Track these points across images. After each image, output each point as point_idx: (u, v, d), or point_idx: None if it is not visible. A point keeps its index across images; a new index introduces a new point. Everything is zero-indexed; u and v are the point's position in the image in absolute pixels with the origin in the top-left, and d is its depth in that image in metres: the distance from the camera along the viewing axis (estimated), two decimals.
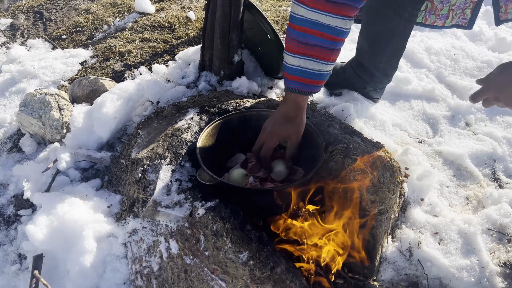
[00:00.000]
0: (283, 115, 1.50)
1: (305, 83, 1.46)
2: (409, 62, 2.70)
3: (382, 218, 1.63)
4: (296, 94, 1.48)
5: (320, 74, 1.45)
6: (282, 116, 1.50)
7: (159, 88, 1.96)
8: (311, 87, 1.48)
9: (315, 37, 1.40)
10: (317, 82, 1.47)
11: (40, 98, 1.85)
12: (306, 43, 1.41)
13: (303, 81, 1.46)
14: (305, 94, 1.49)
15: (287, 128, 1.49)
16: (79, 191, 1.66)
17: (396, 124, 2.22)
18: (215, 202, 1.43)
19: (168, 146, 1.63)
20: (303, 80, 1.45)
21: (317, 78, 1.46)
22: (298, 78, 1.45)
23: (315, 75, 1.44)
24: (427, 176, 1.91)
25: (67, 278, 1.45)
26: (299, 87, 1.47)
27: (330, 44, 1.42)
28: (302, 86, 1.47)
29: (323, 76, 1.46)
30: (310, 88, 1.48)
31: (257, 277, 1.31)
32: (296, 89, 1.47)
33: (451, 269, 1.62)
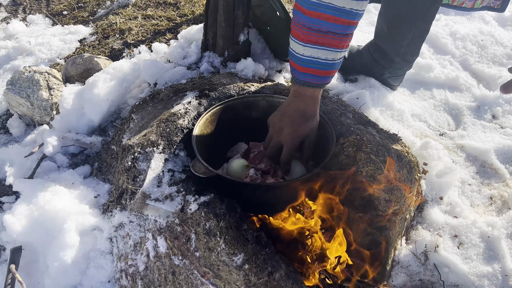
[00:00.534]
0: (301, 113, 1.35)
1: (319, 74, 1.31)
2: (431, 48, 2.54)
3: (396, 219, 1.49)
4: (310, 88, 1.33)
5: (333, 63, 1.30)
6: (300, 113, 1.35)
7: (157, 69, 1.81)
8: (324, 79, 1.33)
9: (328, 23, 1.23)
10: (330, 72, 1.33)
11: (29, 76, 1.72)
12: (318, 30, 1.25)
13: (316, 73, 1.31)
14: (320, 86, 1.34)
15: (307, 126, 1.35)
16: (65, 178, 1.53)
17: (415, 115, 2.09)
18: (209, 196, 1.29)
19: (162, 133, 1.48)
20: (316, 72, 1.30)
21: (330, 68, 1.31)
22: (311, 70, 1.30)
23: (328, 65, 1.30)
24: (447, 172, 1.78)
25: (47, 274, 1.33)
26: (312, 80, 1.32)
27: (344, 29, 1.26)
28: (315, 79, 1.32)
29: (336, 65, 1.32)
30: (324, 80, 1.34)
31: (253, 283, 1.18)
32: (309, 82, 1.32)
33: (470, 276, 1.52)
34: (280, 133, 1.35)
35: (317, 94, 1.36)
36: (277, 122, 1.37)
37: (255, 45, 2.00)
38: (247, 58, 1.86)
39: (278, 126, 1.36)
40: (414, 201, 1.65)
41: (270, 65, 1.98)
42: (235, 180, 1.32)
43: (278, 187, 1.33)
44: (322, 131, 1.45)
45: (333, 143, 1.36)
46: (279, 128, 1.36)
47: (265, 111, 1.55)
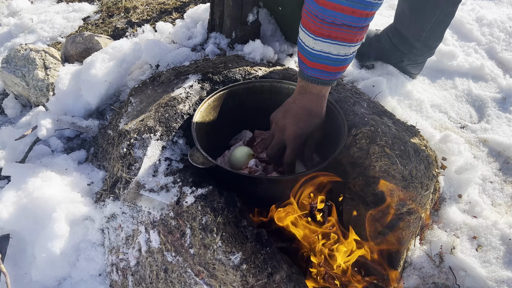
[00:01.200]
0: (307, 111, 1.24)
1: (328, 71, 1.19)
2: (455, 34, 2.43)
3: (410, 219, 1.38)
4: (317, 84, 1.22)
5: (345, 58, 1.18)
6: (306, 112, 1.24)
7: (159, 49, 1.71)
8: (334, 75, 1.21)
9: (344, 15, 1.09)
10: (341, 68, 1.21)
11: (24, 55, 1.63)
12: (332, 23, 1.11)
13: (327, 69, 1.19)
14: (328, 84, 1.23)
15: (311, 125, 1.25)
16: (58, 163, 1.45)
17: (435, 105, 2.00)
18: (207, 189, 1.20)
19: (160, 118, 1.39)
20: (327, 68, 1.18)
21: (341, 63, 1.19)
22: (321, 65, 1.18)
23: (340, 61, 1.17)
24: (468, 169, 1.70)
25: (34, 265, 1.26)
26: (321, 76, 1.20)
27: (361, 22, 1.12)
28: (325, 75, 1.20)
29: (348, 61, 1.20)
30: (333, 76, 1.22)
31: (250, 284, 1.09)
32: (318, 78, 1.21)
33: (488, 282, 1.44)
34: (283, 132, 1.25)
35: (325, 91, 1.25)
36: (280, 119, 1.26)
37: (265, 27, 1.88)
38: (256, 40, 1.75)
39: (281, 123, 1.25)
40: (431, 199, 1.54)
41: (280, 48, 1.86)
42: (236, 173, 1.22)
43: (281, 181, 1.22)
44: (332, 121, 1.34)
45: (345, 135, 1.26)
46: (282, 125, 1.25)
47: (272, 98, 1.44)
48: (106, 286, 1.29)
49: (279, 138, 1.26)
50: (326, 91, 1.25)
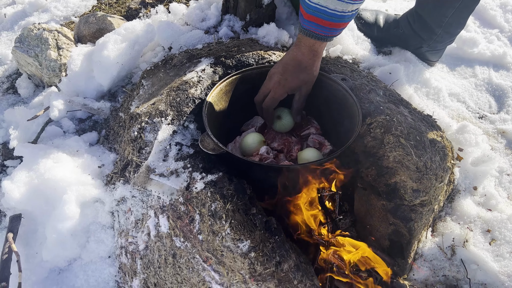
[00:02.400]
0: (296, 62, 1.26)
1: (324, 25, 1.19)
2: (477, 20, 2.35)
3: (423, 211, 1.36)
4: (311, 38, 1.22)
5: (342, 15, 1.17)
6: (294, 63, 1.26)
7: (172, 31, 1.68)
8: (329, 31, 1.21)
9: None
10: (338, 25, 1.20)
11: (37, 34, 1.62)
12: None
13: (322, 23, 1.19)
14: (322, 39, 1.23)
15: (298, 77, 1.27)
16: (70, 145, 1.44)
17: (453, 94, 1.94)
18: (217, 175, 1.18)
19: (171, 102, 1.37)
20: (322, 22, 1.18)
21: (338, 20, 1.18)
22: (316, 18, 1.18)
23: (336, 16, 1.17)
24: (485, 161, 1.65)
25: (45, 245, 1.27)
26: (316, 30, 1.21)
27: None
28: (320, 29, 1.20)
29: (346, 18, 1.19)
30: (329, 32, 1.21)
31: (258, 272, 1.08)
32: (312, 32, 1.21)
33: (500, 276, 1.43)
34: (270, 80, 1.29)
35: (317, 46, 1.25)
36: (272, 69, 1.30)
37: (281, 9, 1.83)
38: (271, 23, 1.71)
39: (271, 72, 1.30)
40: (445, 191, 1.51)
41: (296, 32, 1.81)
42: (247, 160, 1.20)
43: (292, 170, 1.20)
44: (346, 109, 1.31)
45: (359, 123, 1.23)
46: (271, 74, 1.29)
47: None
48: (115, 268, 1.30)
49: (266, 86, 1.30)
50: (319, 46, 1.25)
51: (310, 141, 1.34)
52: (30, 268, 1.30)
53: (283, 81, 1.26)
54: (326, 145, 1.30)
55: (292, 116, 1.36)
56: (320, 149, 1.30)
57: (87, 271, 1.30)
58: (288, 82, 1.26)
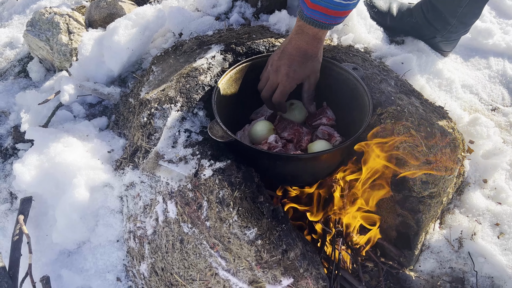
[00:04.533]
0: (301, 52, 1.24)
1: (328, 14, 1.17)
2: (493, 10, 2.31)
3: (432, 203, 1.35)
4: (315, 27, 1.20)
5: (348, 4, 1.16)
6: (300, 53, 1.24)
7: (183, 17, 1.66)
8: (334, 19, 1.19)
9: None
10: (342, 13, 1.19)
11: (49, 18, 1.62)
12: None
13: (326, 12, 1.17)
14: (325, 27, 1.21)
15: (306, 67, 1.25)
16: (80, 129, 1.45)
17: (466, 86, 1.91)
18: (226, 163, 1.18)
19: (181, 89, 1.37)
20: (326, 11, 1.16)
21: (343, 8, 1.17)
22: (321, 8, 1.16)
23: (341, 5, 1.15)
24: (496, 154, 1.64)
25: (55, 228, 1.29)
26: (320, 18, 1.18)
27: None
28: (324, 17, 1.18)
29: (350, 6, 1.17)
30: (333, 20, 1.19)
31: (264, 260, 1.09)
32: (317, 20, 1.19)
33: (508, 270, 1.42)
34: (277, 73, 1.26)
35: (322, 34, 1.23)
36: (275, 60, 1.27)
37: None
38: (282, 10, 1.68)
39: (276, 64, 1.27)
40: (454, 183, 1.50)
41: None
42: (255, 148, 1.20)
43: (301, 159, 1.20)
44: (357, 99, 1.29)
45: (369, 113, 1.21)
46: (277, 67, 1.26)
47: None
48: (123, 252, 1.32)
49: (274, 80, 1.27)
50: (323, 34, 1.24)
51: (319, 132, 1.33)
52: (40, 250, 1.33)
53: (291, 73, 1.24)
54: (335, 137, 1.29)
55: (305, 106, 1.35)
56: (330, 140, 1.30)
57: (95, 254, 1.32)
58: (296, 73, 1.24)
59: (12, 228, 1.31)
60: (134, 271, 1.31)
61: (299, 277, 1.10)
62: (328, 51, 1.56)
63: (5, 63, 1.89)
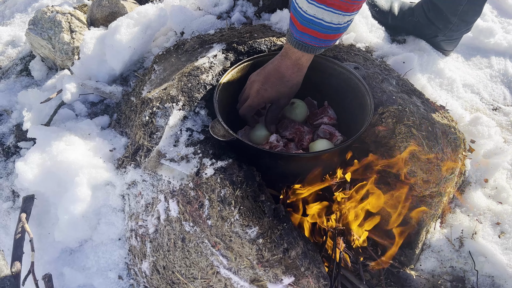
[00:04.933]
0: (279, 74, 1.23)
1: (318, 37, 1.13)
2: (495, 9, 2.31)
3: (433, 202, 1.36)
4: (301, 51, 1.17)
5: (338, 27, 1.10)
6: (277, 75, 1.24)
7: (185, 16, 1.67)
8: (324, 42, 1.15)
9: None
10: (333, 36, 1.14)
11: (51, 17, 1.62)
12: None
13: (316, 35, 1.12)
14: (314, 50, 1.17)
15: (278, 90, 1.25)
16: (82, 128, 1.46)
17: (467, 85, 1.92)
18: (227, 162, 1.19)
19: (183, 88, 1.37)
20: (316, 34, 1.12)
21: (333, 32, 1.12)
22: (310, 30, 1.11)
23: (331, 29, 1.10)
24: (497, 153, 1.64)
25: (57, 226, 1.29)
26: (310, 41, 1.14)
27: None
28: (314, 41, 1.14)
29: (341, 29, 1.12)
30: (323, 43, 1.15)
31: (266, 259, 1.09)
32: (305, 43, 1.15)
33: (509, 269, 1.42)
34: (251, 87, 1.27)
35: (304, 60, 1.21)
36: (254, 75, 1.29)
37: None
38: (284, 9, 1.69)
39: (252, 79, 1.29)
40: (455, 182, 1.50)
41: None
42: (257, 147, 1.20)
43: (302, 158, 1.20)
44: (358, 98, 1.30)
45: (370, 113, 1.21)
46: (252, 81, 1.28)
47: None
48: (125, 250, 1.33)
49: (246, 93, 1.29)
50: (306, 60, 1.21)
51: (320, 131, 1.33)
52: (43, 248, 1.33)
53: (262, 91, 1.24)
54: (336, 136, 1.30)
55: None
56: (331, 139, 1.30)
57: (97, 253, 1.32)
58: (267, 92, 1.24)
59: (15, 226, 1.32)
60: (136, 269, 1.32)
61: (300, 276, 1.11)
62: (330, 50, 1.56)
63: (7, 62, 1.89)
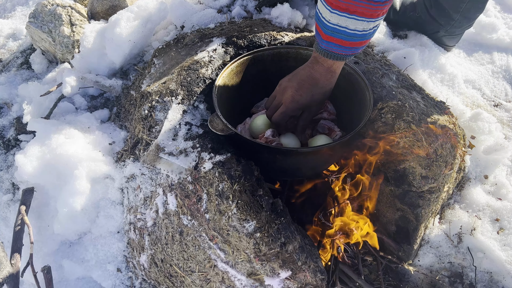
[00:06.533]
0: (313, 81, 1.20)
1: (344, 45, 1.10)
2: (498, 4, 2.28)
3: (431, 198, 1.35)
4: (330, 59, 1.14)
5: (363, 34, 1.08)
6: (311, 81, 1.20)
7: (185, 10, 1.66)
8: (350, 50, 1.12)
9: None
10: (359, 43, 1.11)
11: (51, 10, 1.62)
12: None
13: (341, 43, 1.10)
14: (342, 58, 1.14)
15: (313, 96, 1.21)
16: (82, 121, 1.46)
17: (469, 81, 1.90)
18: (226, 156, 1.19)
19: (182, 82, 1.37)
20: (342, 42, 1.09)
21: (359, 39, 1.09)
22: (335, 39, 1.09)
23: (357, 36, 1.07)
24: (497, 149, 1.63)
25: (56, 218, 1.30)
26: (336, 50, 1.12)
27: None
28: (340, 49, 1.11)
29: (367, 36, 1.09)
30: (349, 51, 1.12)
31: (263, 252, 1.09)
32: (332, 52, 1.13)
33: (507, 265, 1.42)
34: (283, 93, 1.23)
35: (336, 66, 1.18)
36: (285, 81, 1.25)
37: None
38: (284, 3, 1.67)
39: (284, 85, 1.24)
40: (455, 178, 1.49)
41: (310, 13, 1.78)
42: (254, 142, 1.20)
43: (300, 153, 1.20)
44: (357, 93, 1.29)
45: (370, 108, 1.21)
46: (284, 87, 1.23)
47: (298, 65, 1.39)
48: (123, 243, 1.33)
49: (279, 99, 1.24)
50: (338, 66, 1.19)
51: (319, 126, 1.33)
52: (42, 240, 1.34)
53: (297, 97, 1.20)
54: (335, 131, 1.29)
55: (297, 134, 1.31)
56: (330, 134, 1.30)
57: (96, 245, 1.33)
58: (302, 98, 1.20)
59: (14, 218, 1.33)
60: (134, 262, 1.33)
61: (297, 270, 1.11)
62: None
63: (8, 55, 1.90)
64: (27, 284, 1.33)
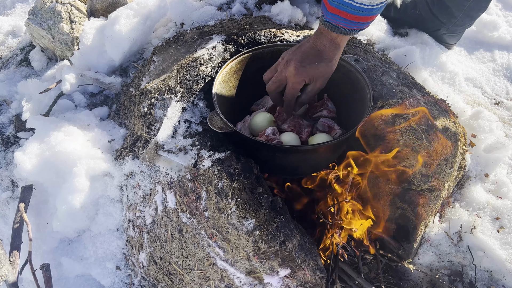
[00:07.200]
0: (316, 52, 1.17)
1: (349, 19, 1.08)
2: (500, 2, 2.28)
3: (431, 196, 1.35)
4: (334, 32, 1.12)
5: (370, 8, 1.06)
6: (315, 52, 1.17)
7: (185, 7, 1.66)
8: (355, 24, 1.10)
9: None
10: (365, 18, 1.09)
11: (51, 7, 1.62)
12: None
13: (347, 16, 1.08)
14: (346, 33, 1.13)
15: (318, 67, 1.17)
16: (81, 119, 1.46)
17: (470, 79, 1.90)
18: (225, 154, 1.19)
19: (182, 79, 1.36)
20: (347, 15, 1.08)
21: (365, 13, 1.07)
22: (341, 12, 1.07)
23: (362, 10, 1.06)
24: (498, 148, 1.63)
25: (55, 216, 1.30)
26: (341, 23, 1.10)
27: None
28: (345, 23, 1.10)
29: (373, 11, 1.07)
30: (354, 25, 1.10)
31: (262, 250, 1.09)
32: (336, 25, 1.11)
33: (507, 264, 1.42)
34: (287, 67, 1.19)
35: (340, 40, 1.16)
36: (289, 54, 1.20)
37: None
38: (284, 1, 1.67)
39: (287, 58, 1.20)
40: (455, 177, 1.49)
41: (310, 10, 1.78)
42: (254, 139, 1.19)
43: (299, 151, 1.20)
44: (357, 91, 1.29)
45: (370, 106, 1.21)
46: (288, 60, 1.19)
47: None
48: (122, 241, 1.33)
49: (281, 73, 1.21)
50: (342, 40, 1.16)
51: (319, 124, 1.32)
52: (41, 237, 1.34)
53: (301, 69, 1.16)
54: (335, 129, 1.29)
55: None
56: (330, 133, 1.29)
57: (95, 243, 1.33)
58: (305, 70, 1.16)
59: (13, 215, 1.32)
60: (133, 260, 1.32)
61: (296, 268, 1.11)
62: None
63: (8, 52, 1.89)
64: (26, 281, 1.32)
